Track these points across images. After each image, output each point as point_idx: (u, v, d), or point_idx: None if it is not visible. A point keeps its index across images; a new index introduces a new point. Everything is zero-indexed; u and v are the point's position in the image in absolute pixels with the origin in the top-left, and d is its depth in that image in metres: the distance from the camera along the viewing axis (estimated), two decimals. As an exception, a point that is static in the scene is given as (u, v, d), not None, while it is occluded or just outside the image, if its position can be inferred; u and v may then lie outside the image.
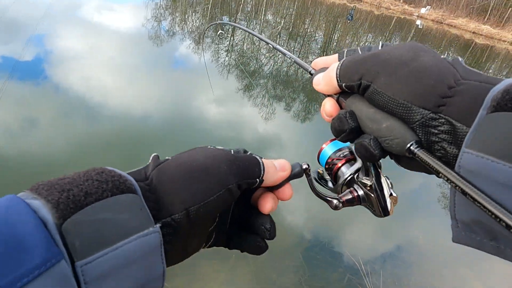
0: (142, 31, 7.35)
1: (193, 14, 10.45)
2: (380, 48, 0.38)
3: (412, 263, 2.69)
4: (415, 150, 0.32)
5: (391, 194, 0.41)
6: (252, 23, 11.00)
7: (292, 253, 2.51)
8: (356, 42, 12.04)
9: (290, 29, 11.37)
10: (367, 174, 0.41)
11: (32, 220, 0.22)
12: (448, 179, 0.29)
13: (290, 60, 0.59)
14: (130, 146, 3.32)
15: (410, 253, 2.79)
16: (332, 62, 0.42)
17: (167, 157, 0.34)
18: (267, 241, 0.39)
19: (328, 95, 0.42)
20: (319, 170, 0.47)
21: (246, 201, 0.40)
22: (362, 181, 0.42)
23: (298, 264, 2.42)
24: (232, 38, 8.53)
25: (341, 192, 0.44)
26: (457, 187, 0.28)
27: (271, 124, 4.62)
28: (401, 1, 22.14)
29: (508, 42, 16.95)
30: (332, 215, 2.92)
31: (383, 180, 0.40)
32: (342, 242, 2.73)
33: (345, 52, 0.42)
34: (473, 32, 18.16)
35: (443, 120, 0.30)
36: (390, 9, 21.47)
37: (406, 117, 0.32)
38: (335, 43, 11.16)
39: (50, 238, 0.22)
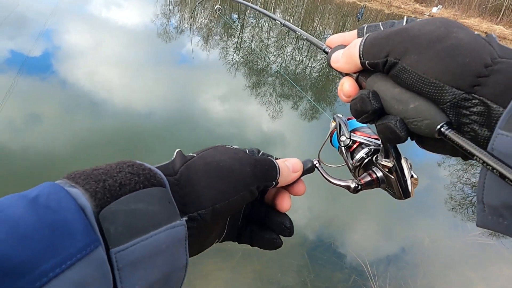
0: (151, 27, 7.37)
1: (202, 11, 10.45)
2: (405, 23, 0.36)
3: (418, 265, 2.66)
4: (446, 132, 0.30)
5: (412, 176, 0.39)
6: (261, 20, 10.97)
7: (296, 252, 2.50)
8: (366, 41, 11.91)
9: (299, 27, 11.30)
10: (387, 156, 0.40)
11: (73, 206, 0.23)
12: (483, 162, 0.27)
13: (302, 40, 0.58)
14: (132, 143, 3.34)
15: (415, 254, 2.77)
16: (350, 39, 0.40)
17: (192, 153, 0.35)
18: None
19: (347, 74, 0.39)
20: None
21: (260, 199, 0.42)
22: (382, 163, 0.40)
23: (302, 263, 2.41)
24: (241, 35, 8.52)
25: (358, 175, 0.43)
26: (494, 170, 0.26)
27: (278, 122, 4.61)
28: (412, 0, 21.89)
29: (521, 43, 16.65)
30: (337, 214, 2.91)
31: (403, 161, 0.39)
32: (347, 242, 2.71)
33: (365, 28, 0.39)
34: (485, 32, 17.64)
35: (476, 101, 0.29)
36: (401, 8, 21.23)
37: (437, 97, 0.30)
38: (344, 42, 11.06)
39: (89, 224, 0.23)
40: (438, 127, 0.30)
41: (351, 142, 0.44)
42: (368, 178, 0.42)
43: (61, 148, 3.01)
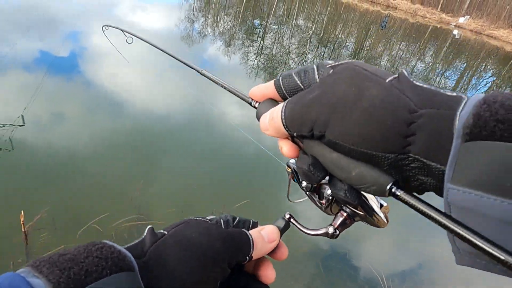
0: (175, 32, 7.52)
1: (225, 16, 10.59)
2: (316, 71, 0.36)
3: (435, 282, 2.58)
4: (397, 192, 0.30)
5: (381, 206, 0.38)
6: (282, 28, 11.01)
7: (310, 260, 2.47)
8: (389, 51, 11.78)
9: (321, 35, 11.29)
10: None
11: None
12: (440, 223, 0.26)
13: (224, 89, 0.50)
14: (150, 144, 3.40)
15: (433, 271, 2.69)
16: (270, 92, 0.40)
17: (163, 230, 0.35)
18: None
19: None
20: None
21: (239, 268, 0.40)
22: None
23: (315, 272, 2.38)
24: (262, 41, 8.58)
25: (332, 212, 0.43)
26: (453, 232, 0.25)
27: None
28: (438, 10, 21.47)
29: (552, 56, 16.02)
30: (353, 225, 2.87)
31: (366, 196, 0.38)
32: (363, 253, 2.66)
33: (280, 80, 0.38)
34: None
35: (412, 158, 0.28)
36: (426, 17, 20.86)
37: (374, 163, 0.30)
38: (366, 50, 10.98)
39: None
40: (387, 189, 0.30)
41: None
42: (341, 219, 0.41)
43: (83, 147, 3.10)
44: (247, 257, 0.36)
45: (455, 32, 18.49)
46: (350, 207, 0.40)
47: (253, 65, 6.74)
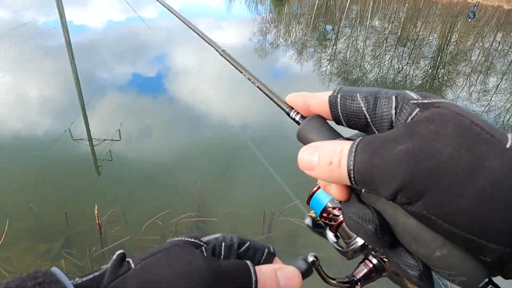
0: (248, 45, 7.81)
1: (297, 25, 10.66)
2: (393, 104, 0.26)
3: None
4: None
5: None
6: (356, 30, 10.66)
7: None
8: (481, 43, 10.55)
9: (399, 33, 10.64)
10: None
11: None
12: None
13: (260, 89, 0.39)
14: (226, 155, 3.57)
15: None
16: (319, 106, 0.31)
17: (130, 260, 0.27)
18: None
19: None
20: (311, 215, 0.37)
21: None
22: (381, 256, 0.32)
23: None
24: (334, 46, 8.41)
25: (350, 256, 0.34)
26: None
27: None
28: (543, -9, 18.59)
29: None
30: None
31: None
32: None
33: (338, 98, 0.29)
34: None
35: None
36: (527, 2, 18.22)
37: (474, 252, 0.23)
38: (452, 46, 10.00)
39: None
40: (480, 287, 0.24)
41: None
42: (365, 270, 0.33)
43: (167, 158, 3.40)
44: None
45: None
46: (381, 259, 0.32)
47: (326, 71, 6.64)
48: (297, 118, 0.32)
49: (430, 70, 7.44)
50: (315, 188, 0.35)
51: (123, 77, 5.18)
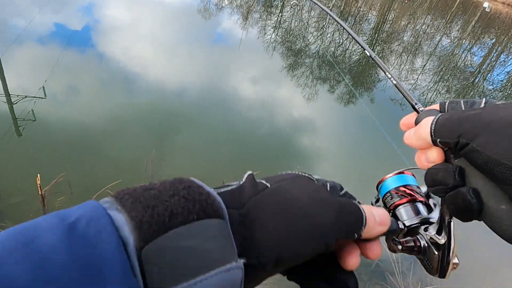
0: (191, 4, 7.39)
1: (243, -12, 10.29)
2: (483, 104, 0.37)
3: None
4: None
5: (455, 261, 0.38)
6: (301, 0, 10.64)
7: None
8: (413, 25, 11.28)
9: (342, 7, 10.88)
10: (439, 232, 0.38)
11: (114, 240, 0.21)
12: None
13: (391, 82, 0.51)
14: (164, 120, 3.43)
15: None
16: (435, 108, 0.41)
17: (264, 181, 0.30)
18: None
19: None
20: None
21: None
22: (432, 236, 0.38)
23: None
24: (280, 14, 8.34)
25: (397, 237, 0.40)
26: None
27: (312, 106, 4.54)
28: (469, -20, 20.20)
29: None
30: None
31: (453, 242, 0.38)
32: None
33: (447, 102, 0.40)
34: None
35: None
36: (455, -11, 19.70)
37: (508, 177, 0.29)
38: (388, 24, 10.54)
39: (128, 265, 0.20)
40: None
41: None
42: (412, 244, 0.39)
43: (96, 121, 3.17)
44: (356, 235, 0.31)
45: (486, 4, 17.42)
46: (430, 242, 0.39)
47: (271, 39, 6.60)
48: (420, 109, 0.43)
49: (367, 46, 7.79)
50: (383, 177, 0.44)
51: (45, 28, 4.60)
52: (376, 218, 0.32)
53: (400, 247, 0.38)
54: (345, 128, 4.21)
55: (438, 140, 0.34)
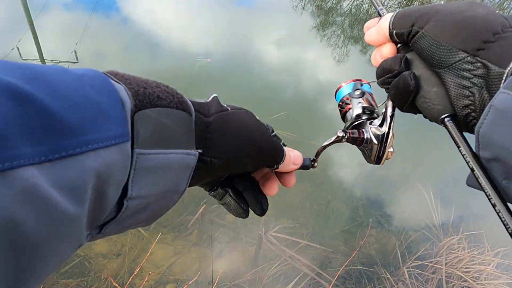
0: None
1: None
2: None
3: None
4: (448, 123, 0.35)
5: (390, 149, 0.44)
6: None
7: (352, 182, 2.49)
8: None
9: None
10: (381, 125, 0.44)
11: (115, 96, 0.24)
12: (465, 158, 0.32)
13: None
14: (187, 84, 3.40)
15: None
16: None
17: (225, 105, 0.36)
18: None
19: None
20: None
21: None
22: (374, 129, 0.44)
23: (357, 193, 2.41)
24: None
25: (346, 129, 0.47)
26: (472, 170, 0.31)
27: (343, 67, 4.36)
28: None
29: None
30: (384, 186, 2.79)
31: (391, 134, 0.43)
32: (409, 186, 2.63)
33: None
34: None
35: (479, 64, 0.31)
36: None
37: (444, 58, 0.33)
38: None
39: (125, 118, 0.24)
40: (444, 115, 0.35)
41: (360, 93, 0.48)
42: (356, 135, 0.45)
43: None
44: (276, 166, 0.39)
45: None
46: (372, 134, 0.44)
47: (300, -4, 6.25)
48: (383, 13, 0.45)
49: (405, 2, 7.25)
50: (340, 85, 0.51)
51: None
52: (292, 157, 0.41)
53: (345, 135, 0.44)
54: (375, 90, 4.03)
55: (394, 32, 0.38)
